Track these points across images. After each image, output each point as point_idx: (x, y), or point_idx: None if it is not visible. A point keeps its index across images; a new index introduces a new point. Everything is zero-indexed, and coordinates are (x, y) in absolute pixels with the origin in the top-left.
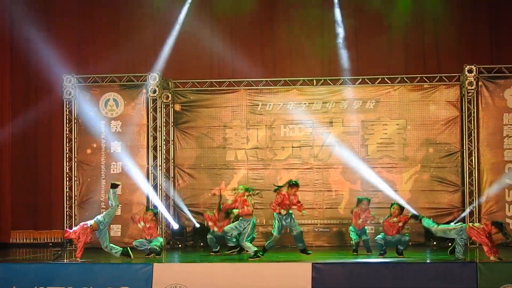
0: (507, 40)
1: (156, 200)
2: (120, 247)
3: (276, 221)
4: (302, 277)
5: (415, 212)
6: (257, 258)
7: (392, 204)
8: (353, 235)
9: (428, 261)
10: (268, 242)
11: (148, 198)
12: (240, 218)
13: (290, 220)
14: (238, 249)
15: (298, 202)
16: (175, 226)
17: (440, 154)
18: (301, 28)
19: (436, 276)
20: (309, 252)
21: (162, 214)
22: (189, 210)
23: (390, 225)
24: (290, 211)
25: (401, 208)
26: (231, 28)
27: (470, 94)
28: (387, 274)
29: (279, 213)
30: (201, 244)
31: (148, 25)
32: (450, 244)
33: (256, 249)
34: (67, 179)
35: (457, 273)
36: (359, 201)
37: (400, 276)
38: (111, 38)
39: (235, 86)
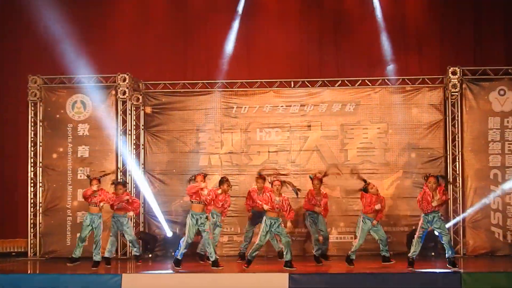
0: (492, 41)
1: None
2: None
3: (265, 227)
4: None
5: None
6: (219, 268)
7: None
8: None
9: (411, 271)
10: (251, 251)
11: None
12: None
13: (279, 226)
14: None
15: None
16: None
17: (422, 159)
18: (278, 28)
19: (419, 286)
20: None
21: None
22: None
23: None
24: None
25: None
26: (205, 27)
27: (454, 97)
28: (368, 285)
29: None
30: (173, 253)
31: (118, 23)
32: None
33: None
34: (32, 185)
35: (440, 283)
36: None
37: (382, 286)
38: (79, 36)
39: (209, 88)
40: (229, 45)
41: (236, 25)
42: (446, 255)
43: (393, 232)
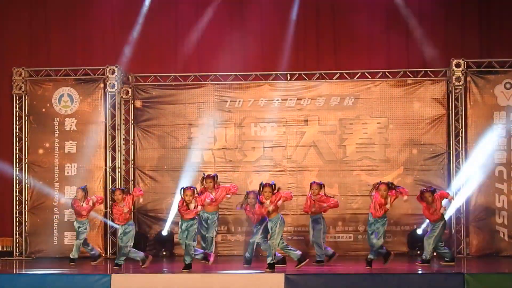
0: (498, 32)
1: None
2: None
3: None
4: None
5: None
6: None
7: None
8: None
9: (411, 272)
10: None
11: (106, 203)
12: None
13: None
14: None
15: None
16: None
17: (424, 155)
18: (273, 18)
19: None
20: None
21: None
22: (152, 216)
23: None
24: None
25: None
26: (197, 18)
27: (457, 91)
28: (367, 286)
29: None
30: (164, 253)
31: (107, 14)
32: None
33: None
34: (17, 182)
35: (442, 285)
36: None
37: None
38: (66, 27)
39: (201, 81)
40: (222, 36)
41: (229, 15)
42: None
43: (394, 231)
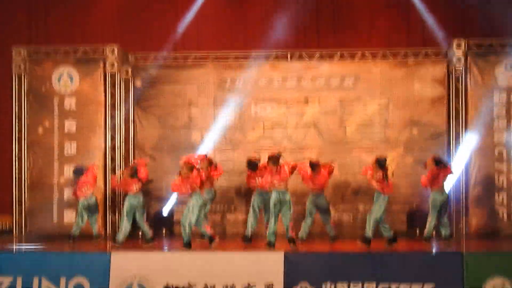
0: (499, 12)
1: None
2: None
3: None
4: (273, 268)
5: None
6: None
7: None
8: None
9: (410, 251)
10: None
11: (105, 182)
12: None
13: None
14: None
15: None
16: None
17: (425, 136)
18: None
19: (419, 268)
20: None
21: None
22: (151, 195)
23: None
24: None
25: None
26: None
27: (458, 71)
28: (366, 265)
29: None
30: (163, 232)
31: None
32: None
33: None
34: (17, 160)
35: (441, 264)
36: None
37: (381, 268)
38: (65, 6)
39: (201, 61)
40: (222, 16)
41: None
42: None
43: (393, 210)
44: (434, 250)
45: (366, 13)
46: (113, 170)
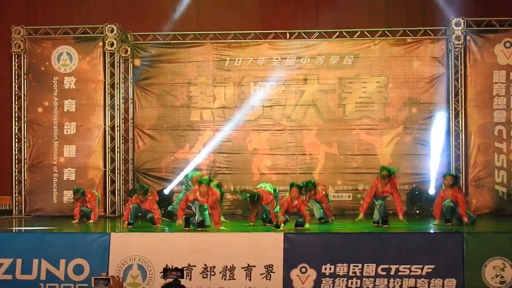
0: None
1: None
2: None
3: None
4: (273, 248)
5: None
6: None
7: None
8: None
9: (410, 231)
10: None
11: (105, 161)
12: None
13: None
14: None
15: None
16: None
17: (424, 114)
18: None
19: (418, 248)
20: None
21: (122, 178)
22: (150, 175)
23: None
24: None
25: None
26: None
27: (457, 50)
28: (366, 245)
29: None
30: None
31: None
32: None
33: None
34: (16, 140)
35: (441, 244)
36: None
37: (380, 248)
38: None
39: (200, 39)
40: None
41: None
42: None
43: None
44: (432, 230)
45: None
46: (113, 150)
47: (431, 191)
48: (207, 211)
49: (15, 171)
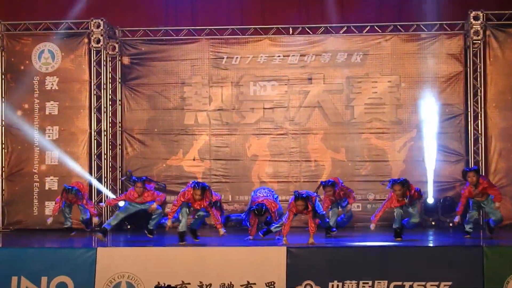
0: None
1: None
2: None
3: None
4: (275, 264)
5: None
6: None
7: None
8: None
9: (424, 244)
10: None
11: (90, 169)
12: None
13: None
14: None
15: None
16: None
17: (440, 117)
18: None
19: (434, 262)
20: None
21: (110, 187)
22: None
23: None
24: None
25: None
26: None
27: (476, 46)
28: (376, 260)
29: None
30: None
31: None
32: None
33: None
34: None
35: (459, 259)
36: None
37: (392, 262)
38: None
39: (195, 35)
40: None
41: None
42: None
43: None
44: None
45: None
46: (99, 157)
47: (430, 200)
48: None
49: None
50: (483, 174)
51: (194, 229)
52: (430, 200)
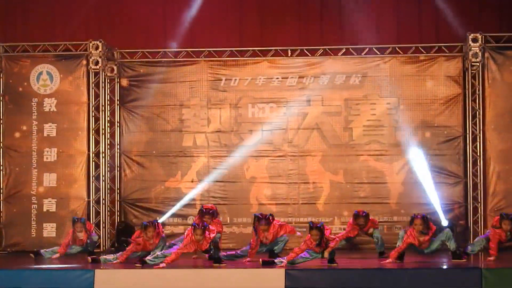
0: None
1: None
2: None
3: None
4: (274, 286)
5: None
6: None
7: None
8: None
9: (424, 266)
10: None
11: (89, 191)
12: None
13: None
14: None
15: None
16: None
17: (438, 139)
18: None
19: (433, 285)
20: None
21: (107, 209)
22: (139, 206)
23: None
24: None
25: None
26: None
27: (474, 68)
28: (377, 282)
29: None
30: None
31: None
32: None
33: None
34: None
35: (459, 280)
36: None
37: (392, 285)
38: None
39: (194, 57)
40: (217, 8)
41: None
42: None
43: (404, 222)
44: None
45: (373, 5)
46: (97, 178)
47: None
48: None
49: None
50: (483, 197)
51: (218, 257)
52: (445, 222)
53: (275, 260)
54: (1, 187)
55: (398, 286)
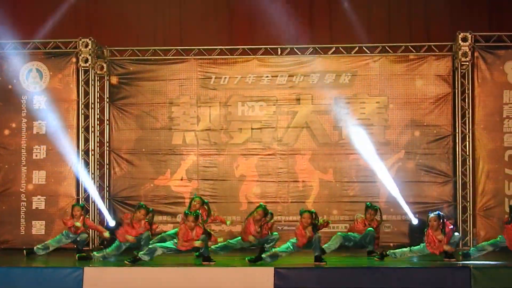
0: (508, 3)
1: (92, 191)
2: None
3: None
4: (262, 285)
5: None
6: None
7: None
8: None
9: (414, 266)
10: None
11: (78, 189)
12: None
13: None
14: None
15: None
16: (111, 222)
17: (428, 138)
18: None
19: (422, 284)
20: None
21: (97, 207)
22: (128, 204)
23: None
24: None
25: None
26: None
27: (464, 67)
28: (365, 281)
29: None
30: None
31: None
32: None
33: None
34: None
35: (448, 279)
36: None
37: (380, 284)
38: None
39: (183, 55)
40: (207, 6)
41: None
42: None
43: (393, 221)
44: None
45: (363, 4)
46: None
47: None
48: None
49: None
50: (471, 196)
51: (207, 256)
52: (414, 221)
53: (262, 255)
54: None
55: (388, 285)
